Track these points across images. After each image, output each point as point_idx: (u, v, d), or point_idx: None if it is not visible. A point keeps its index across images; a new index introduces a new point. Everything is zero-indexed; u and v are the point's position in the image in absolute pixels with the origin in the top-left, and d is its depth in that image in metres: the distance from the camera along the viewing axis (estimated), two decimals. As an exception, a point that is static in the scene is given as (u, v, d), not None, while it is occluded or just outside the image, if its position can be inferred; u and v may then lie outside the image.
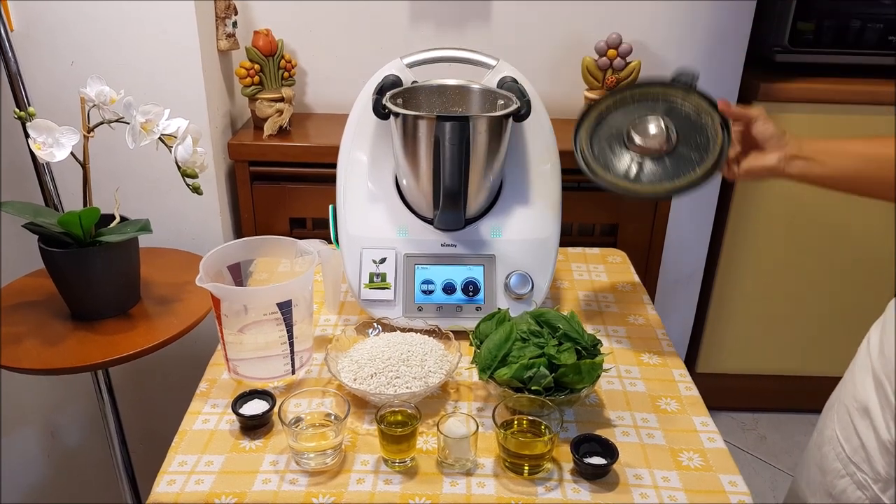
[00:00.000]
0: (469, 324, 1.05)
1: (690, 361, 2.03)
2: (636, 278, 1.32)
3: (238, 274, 1.05)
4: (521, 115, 1.07)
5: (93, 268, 1.09)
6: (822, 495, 0.90)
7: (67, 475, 1.73)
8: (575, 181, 1.51)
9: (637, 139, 0.99)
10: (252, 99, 1.49)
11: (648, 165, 1.00)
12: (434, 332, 1.04)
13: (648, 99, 1.00)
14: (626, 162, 1.00)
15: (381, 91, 1.10)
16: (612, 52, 1.51)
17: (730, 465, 0.86)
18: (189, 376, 1.10)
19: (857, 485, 0.85)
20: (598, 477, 0.84)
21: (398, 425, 0.86)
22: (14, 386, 1.57)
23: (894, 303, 0.87)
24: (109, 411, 1.30)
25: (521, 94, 1.09)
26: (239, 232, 1.57)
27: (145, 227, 1.13)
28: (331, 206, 1.15)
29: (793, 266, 1.84)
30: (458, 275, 1.11)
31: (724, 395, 2.02)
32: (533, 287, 1.11)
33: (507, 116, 1.06)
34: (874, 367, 0.85)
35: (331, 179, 1.18)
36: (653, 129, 0.98)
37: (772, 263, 1.85)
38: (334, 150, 1.18)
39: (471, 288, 1.10)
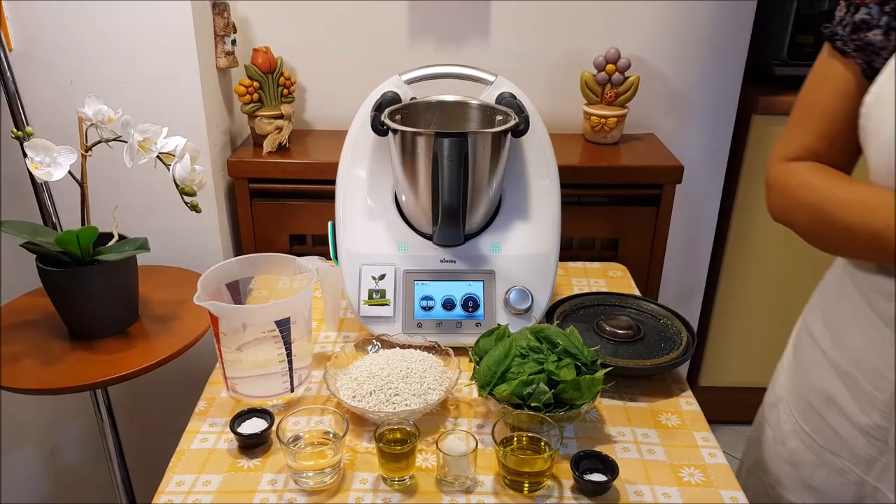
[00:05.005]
0: (469, 340, 1.04)
1: (693, 375, 2.02)
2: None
3: (237, 291, 1.05)
4: (520, 130, 1.07)
5: (91, 287, 1.09)
6: (800, 489, 0.91)
7: (67, 493, 1.72)
8: (575, 196, 1.51)
9: None
10: (251, 116, 1.49)
11: None
12: (433, 349, 1.03)
13: None
14: None
15: (379, 107, 1.10)
16: (610, 66, 1.51)
17: (731, 481, 0.85)
18: (188, 394, 1.09)
19: (838, 471, 0.86)
20: (598, 494, 0.83)
21: (397, 443, 0.85)
22: (13, 404, 1.57)
23: (821, 292, 0.91)
24: (108, 429, 1.30)
25: (520, 110, 1.09)
26: (238, 248, 1.56)
27: (143, 245, 1.13)
28: (330, 223, 1.15)
29: (794, 278, 1.84)
30: (458, 291, 1.11)
31: (726, 408, 2.01)
32: (533, 302, 1.10)
33: (505, 132, 1.06)
34: (831, 357, 0.86)
35: (330, 196, 1.18)
36: None
37: (774, 275, 1.84)
38: (333, 167, 1.18)
39: (470, 304, 1.10)
